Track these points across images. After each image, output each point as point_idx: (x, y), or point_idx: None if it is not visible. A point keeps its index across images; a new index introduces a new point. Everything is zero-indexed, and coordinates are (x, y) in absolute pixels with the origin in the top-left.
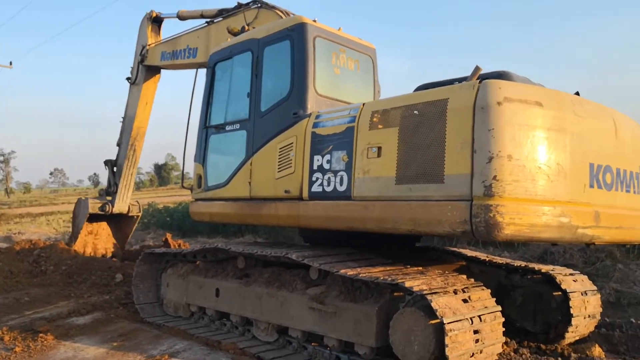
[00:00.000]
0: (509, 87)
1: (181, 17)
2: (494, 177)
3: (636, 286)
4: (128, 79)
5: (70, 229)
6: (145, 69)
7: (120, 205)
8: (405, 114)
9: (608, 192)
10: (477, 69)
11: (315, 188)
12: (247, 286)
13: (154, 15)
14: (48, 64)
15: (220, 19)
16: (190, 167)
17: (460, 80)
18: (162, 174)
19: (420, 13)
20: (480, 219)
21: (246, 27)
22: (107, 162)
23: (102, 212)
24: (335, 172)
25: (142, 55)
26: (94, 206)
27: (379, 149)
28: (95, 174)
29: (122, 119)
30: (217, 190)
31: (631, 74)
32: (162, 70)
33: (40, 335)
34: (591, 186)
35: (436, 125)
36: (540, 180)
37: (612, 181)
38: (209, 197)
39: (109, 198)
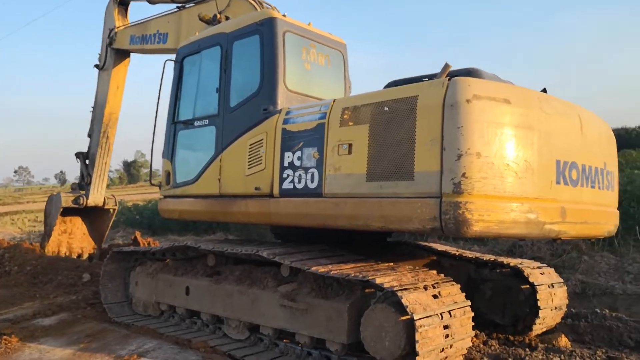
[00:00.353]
0: (478, 85)
1: (151, 0)
2: (463, 175)
3: (601, 277)
4: (96, 65)
5: (37, 229)
6: (114, 53)
7: (95, 197)
8: (375, 111)
9: (574, 188)
10: (446, 66)
11: (286, 185)
12: (218, 284)
13: None
14: (6, 59)
15: (192, 4)
16: (159, 164)
17: (430, 77)
18: (131, 171)
19: (395, 9)
20: (449, 215)
21: (218, 15)
22: (78, 155)
23: (77, 205)
24: (306, 169)
25: (110, 38)
26: (67, 200)
27: (350, 145)
28: (61, 171)
29: (92, 109)
30: (186, 187)
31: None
32: (131, 54)
33: (4, 337)
34: (558, 182)
35: (406, 123)
36: (508, 177)
37: (577, 177)
38: (177, 194)
39: (83, 192)
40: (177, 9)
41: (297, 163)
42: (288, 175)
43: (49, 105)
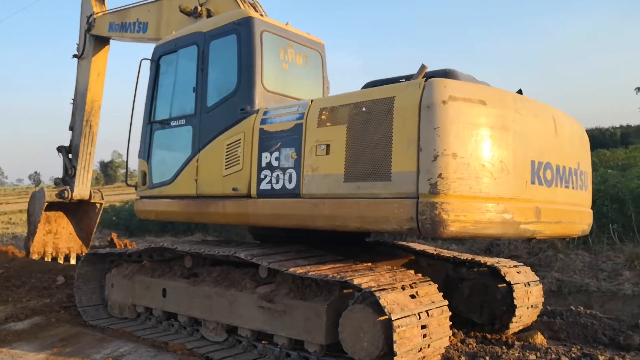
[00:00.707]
0: (454, 86)
1: None
2: (440, 175)
3: (576, 275)
4: (75, 55)
5: (10, 231)
6: (94, 39)
7: (81, 189)
8: (353, 112)
9: (548, 188)
10: (422, 67)
11: (264, 185)
12: (195, 286)
13: None
14: None
15: None
16: (135, 164)
17: (407, 77)
18: (108, 171)
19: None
20: (426, 216)
21: (199, 8)
22: (60, 149)
23: (61, 199)
24: (284, 170)
25: (88, 24)
26: (50, 194)
27: (328, 146)
28: (36, 172)
29: (72, 100)
30: (163, 188)
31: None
32: (111, 41)
33: None
34: (532, 183)
35: (383, 124)
36: (484, 178)
37: (552, 177)
38: (154, 194)
39: (67, 186)
40: None
41: (274, 163)
42: (266, 176)
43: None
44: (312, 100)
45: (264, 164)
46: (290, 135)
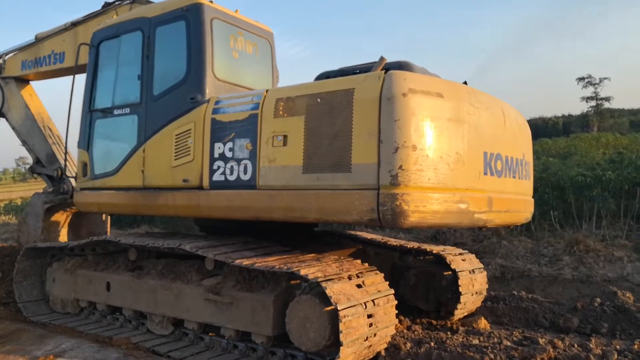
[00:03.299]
0: (413, 79)
1: (40, 39)
2: (400, 167)
3: (519, 261)
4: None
5: None
6: (5, 84)
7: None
8: (311, 103)
9: (499, 178)
10: (382, 59)
11: (217, 177)
12: (140, 279)
13: None
14: None
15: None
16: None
17: (361, 69)
18: None
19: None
20: (387, 207)
21: None
22: (33, 169)
23: (64, 195)
24: (238, 161)
25: None
26: (53, 199)
27: (285, 137)
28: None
29: (21, 143)
30: (106, 179)
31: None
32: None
33: None
34: (485, 173)
35: (342, 115)
36: (441, 169)
37: (502, 168)
38: (96, 186)
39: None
40: (72, 26)
41: (228, 154)
42: (219, 167)
43: None
44: (267, 90)
45: (216, 155)
46: (245, 126)
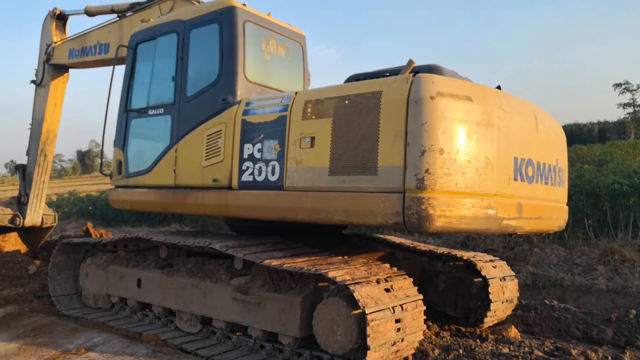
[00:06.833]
0: (442, 82)
1: (89, 13)
2: (427, 170)
3: (551, 269)
4: (33, 81)
5: None
6: (52, 69)
7: (33, 217)
8: (338, 105)
9: (529, 184)
10: (410, 62)
11: (246, 177)
12: (170, 276)
13: (57, 12)
14: None
15: (132, 13)
16: (110, 153)
17: (391, 71)
18: (85, 161)
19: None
20: (412, 211)
21: None
22: (18, 167)
23: (12, 225)
24: (266, 162)
25: (47, 54)
26: (2, 218)
27: (312, 139)
28: (12, 161)
29: (29, 125)
30: (139, 178)
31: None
32: (70, 69)
33: None
34: (515, 179)
35: (370, 117)
36: (469, 174)
37: (533, 174)
38: (130, 184)
39: (17, 214)
40: (118, 18)
41: (257, 155)
42: (248, 168)
43: None
44: (296, 92)
45: (245, 156)
46: (274, 127)
